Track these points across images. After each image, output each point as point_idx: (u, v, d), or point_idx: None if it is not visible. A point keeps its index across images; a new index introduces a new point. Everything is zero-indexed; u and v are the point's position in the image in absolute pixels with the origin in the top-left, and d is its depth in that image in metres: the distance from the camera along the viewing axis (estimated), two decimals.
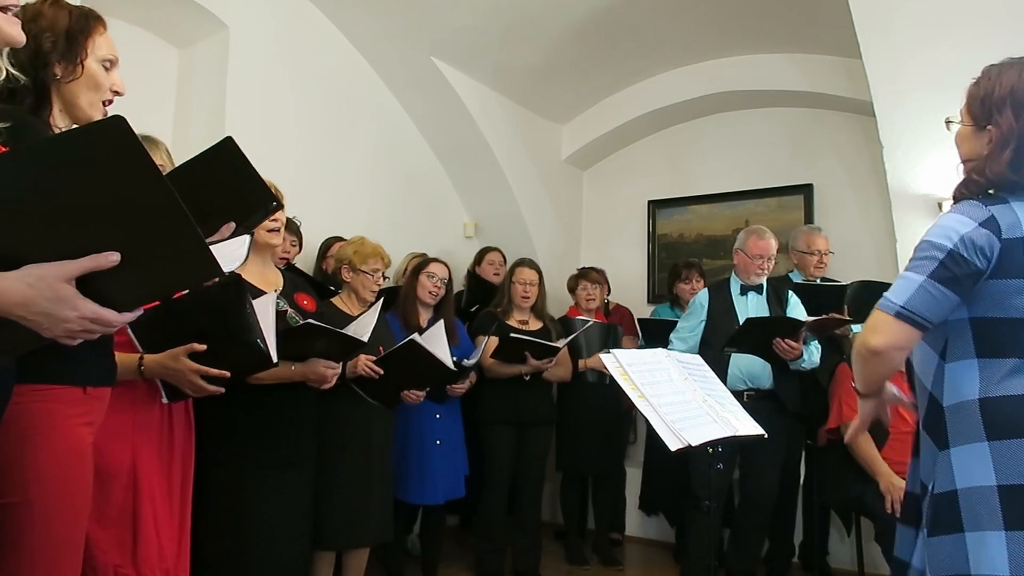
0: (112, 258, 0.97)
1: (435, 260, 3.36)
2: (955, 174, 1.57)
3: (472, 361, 3.17)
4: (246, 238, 1.60)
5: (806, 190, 4.63)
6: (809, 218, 4.54)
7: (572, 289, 4.25)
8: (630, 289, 5.05)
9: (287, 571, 2.31)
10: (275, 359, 1.88)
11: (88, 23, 1.44)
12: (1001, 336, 1.37)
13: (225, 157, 1.57)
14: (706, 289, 3.57)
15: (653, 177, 5.25)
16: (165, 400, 1.86)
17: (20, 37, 1.20)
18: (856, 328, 3.60)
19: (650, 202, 5.26)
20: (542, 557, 3.80)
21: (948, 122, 1.55)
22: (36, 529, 1.25)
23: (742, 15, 4.04)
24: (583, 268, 4.36)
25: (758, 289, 3.42)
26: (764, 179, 4.78)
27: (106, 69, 1.47)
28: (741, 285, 3.42)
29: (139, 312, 1.09)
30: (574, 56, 4.45)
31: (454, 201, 4.99)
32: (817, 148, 4.63)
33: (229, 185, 1.60)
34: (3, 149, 1.18)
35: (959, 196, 1.49)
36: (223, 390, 1.84)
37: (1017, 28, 2.87)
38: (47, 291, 0.96)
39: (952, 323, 1.42)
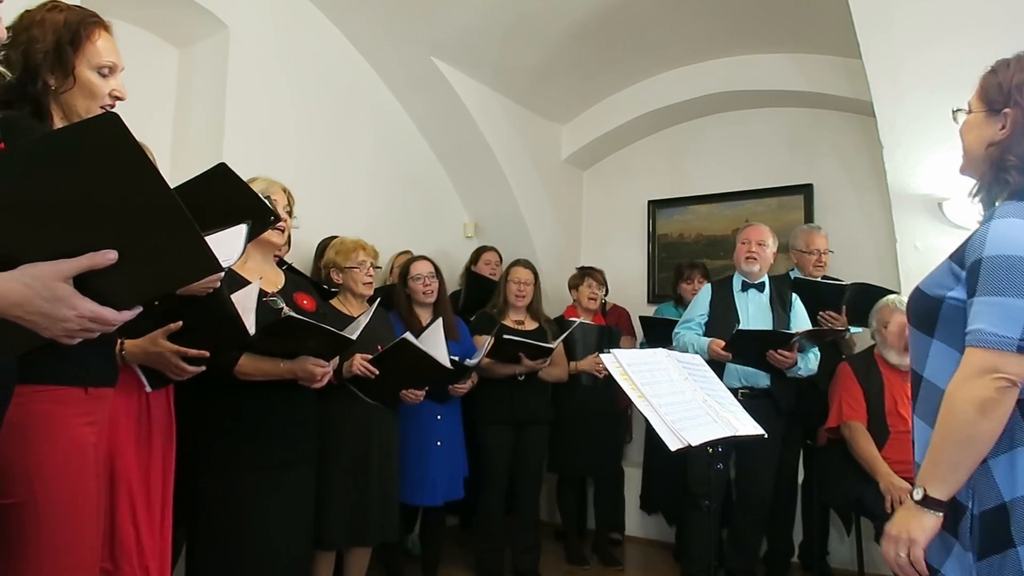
0: (109, 256, 0.96)
1: (416, 259, 3.35)
2: (955, 174, 1.53)
3: (474, 361, 3.17)
4: (242, 228, 1.59)
5: (806, 190, 4.62)
6: (809, 218, 4.54)
7: (575, 287, 4.19)
8: (630, 289, 5.04)
9: (287, 572, 2.30)
10: (252, 331, 1.87)
11: (82, 31, 1.42)
12: None
13: (218, 181, 1.58)
14: (709, 285, 3.57)
15: (653, 177, 5.25)
16: (148, 389, 1.84)
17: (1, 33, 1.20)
18: (854, 330, 3.60)
19: (650, 202, 5.26)
20: (542, 557, 3.80)
21: (956, 112, 1.48)
22: (43, 529, 1.25)
23: (742, 15, 4.04)
24: (586, 267, 4.29)
25: (759, 287, 3.42)
26: (764, 179, 4.77)
27: (104, 76, 1.45)
28: (742, 282, 3.43)
29: (138, 310, 1.07)
30: (574, 56, 4.44)
31: (454, 201, 4.98)
32: (817, 148, 4.62)
33: (225, 203, 1.62)
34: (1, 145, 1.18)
35: (990, 181, 1.39)
36: (204, 368, 1.83)
37: (1017, 28, 2.87)
38: (44, 291, 0.95)
39: None
